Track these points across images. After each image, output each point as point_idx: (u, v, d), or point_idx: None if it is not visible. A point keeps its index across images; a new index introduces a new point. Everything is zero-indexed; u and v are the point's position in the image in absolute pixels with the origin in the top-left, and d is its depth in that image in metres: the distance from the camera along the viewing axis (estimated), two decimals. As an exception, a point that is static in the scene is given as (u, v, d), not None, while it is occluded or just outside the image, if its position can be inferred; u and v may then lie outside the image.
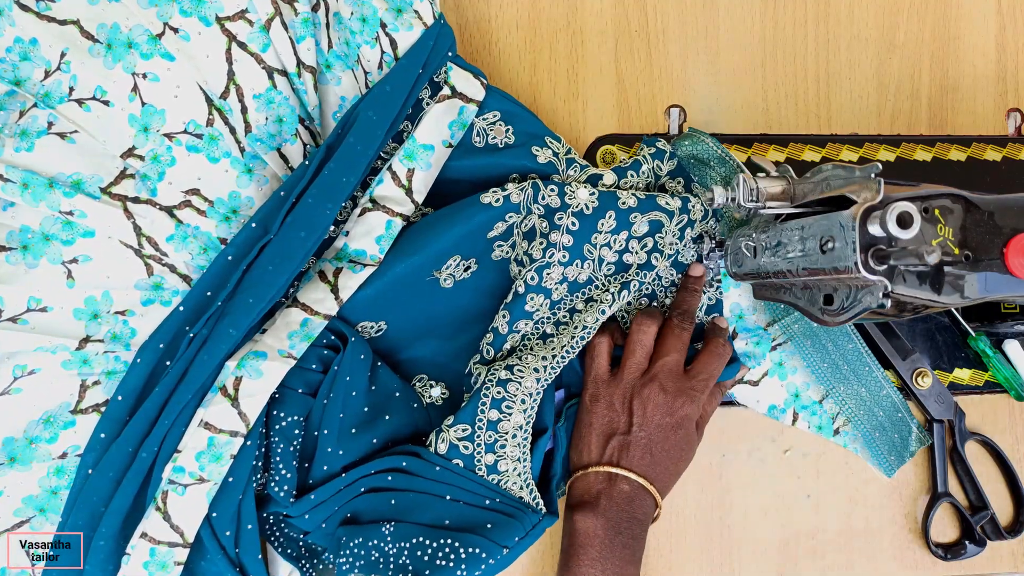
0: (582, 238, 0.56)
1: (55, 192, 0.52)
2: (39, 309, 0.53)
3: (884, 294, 0.43)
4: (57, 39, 0.52)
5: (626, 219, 0.56)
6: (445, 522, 0.53)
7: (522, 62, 0.63)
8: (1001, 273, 0.45)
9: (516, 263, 0.58)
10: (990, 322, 0.63)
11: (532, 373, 0.54)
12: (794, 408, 0.62)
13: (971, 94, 0.68)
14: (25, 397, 0.53)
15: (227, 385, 0.51)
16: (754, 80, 0.66)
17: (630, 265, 0.58)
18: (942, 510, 0.64)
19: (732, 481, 0.63)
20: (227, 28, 0.54)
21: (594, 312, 0.56)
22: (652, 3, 0.65)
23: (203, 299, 0.53)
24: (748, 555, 0.63)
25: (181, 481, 0.50)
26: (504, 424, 0.54)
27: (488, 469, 0.54)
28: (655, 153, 0.60)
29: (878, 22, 0.67)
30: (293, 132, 0.56)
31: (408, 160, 0.55)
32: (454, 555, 0.51)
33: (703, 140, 0.59)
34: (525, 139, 0.58)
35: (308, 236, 0.53)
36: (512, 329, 0.57)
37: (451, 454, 0.54)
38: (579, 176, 0.58)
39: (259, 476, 0.54)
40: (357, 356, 0.55)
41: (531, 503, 0.55)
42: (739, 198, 0.50)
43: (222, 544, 0.52)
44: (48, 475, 0.53)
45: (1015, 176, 0.65)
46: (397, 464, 0.54)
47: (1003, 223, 0.46)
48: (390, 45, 0.55)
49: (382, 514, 0.54)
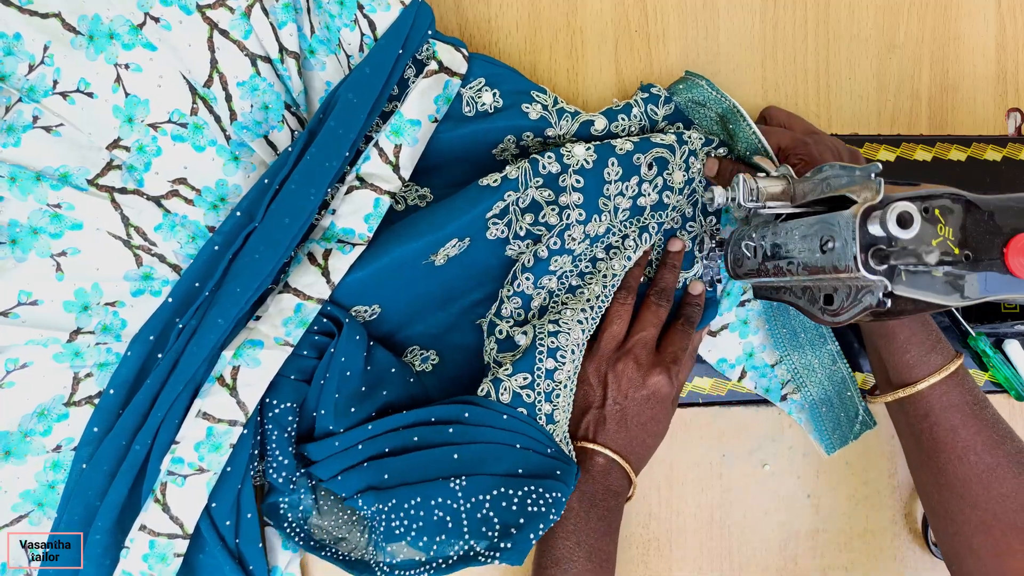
0: (593, 193, 0.57)
1: (43, 185, 0.52)
2: (29, 303, 0.53)
3: (884, 294, 0.43)
4: (40, 32, 0.52)
5: (630, 163, 0.57)
6: (519, 471, 0.53)
7: (522, 62, 0.63)
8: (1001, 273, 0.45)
9: (519, 240, 0.58)
10: (990, 322, 0.63)
11: (577, 324, 0.56)
12: (744, 366, 0.62)
13: (971, 94, 0.68)
14: (18, 391, 0.53)
15: (224, 375, 0.51)
16: (754, 80, 0.66)
17: (644, 208, 0.59)
18: None
19: (732, 481, 0.63)
20: (208, 16, 0.54)
21: (620, 259, 0.57)
22: (652, 3, 0.65)
23: (191, 290, 0.53)
24: (748, 555, 0.63)
25: (180, 472, 0.50)
26: (559, 374, 0.55)
27: (547, 419, 0.55)
28: (648, 98, 0.60)
29: (878, 22, 0.67)
30: (280, 119, 0.56)
31: (395, 136, 0.55)
32: (541, 500, 0.51)
33: (698, 84, 0.59)
34: (513, 99, 0.59)
35: (293, 222, 0.52)
36: (538, 287, 0.58)
37: (515, 402, 0.54)
38: (571, 126, 0.59)
39: (255, 465, 0.54)
40: (353, 338, 0.54)
41: (568, 453, 0.55)
42: (739, 198, 0.50)
43: (221, 535, 0.52)
44: (44, 469, 0.53)
45: (1015, 176, 0.65)
46: (457, 414, 0.54)
47: (1003, 223, 0.46)
48: (368, 26, 0.55)
49: (445, 471, 0.53)
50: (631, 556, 0.62)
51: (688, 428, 0.63)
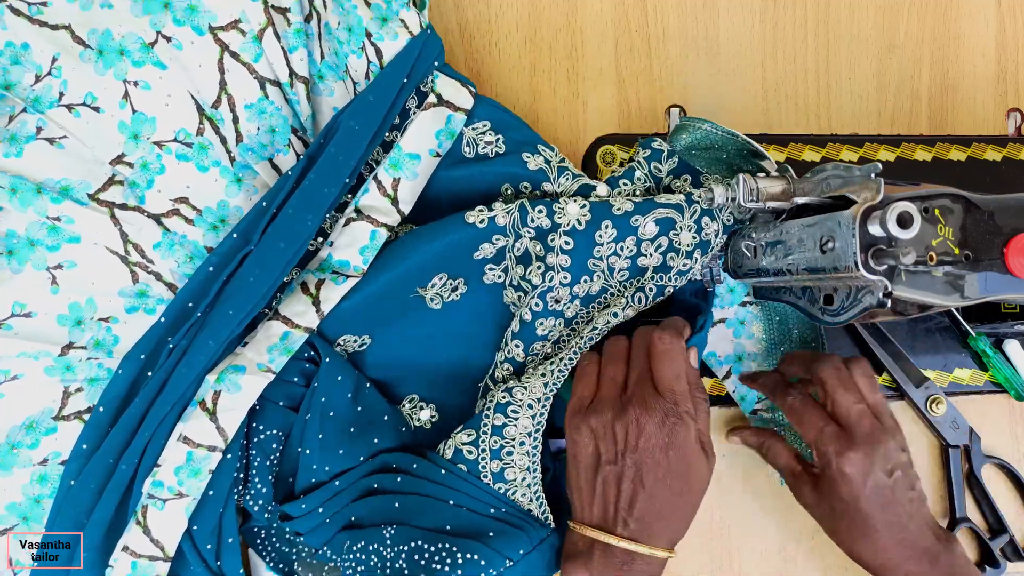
0: (581, 255, 0.54)
1: (43, 198, 0.52)
2: (23, 315, 0.53)
3: (884, 294, 0.43)
4: (49, 44, 0.52)
5: (627, 224, 0.53)
6: (446, 527, 0.51)
7: (522, 62, 0.63)
8: (1001, 273, 0.45)
9: (512, 288, 0.57)
10: (990, 322, 0.63)
11: (539, 378, 0.53)
12: (731, 367, 0.61)
13: (971, 94, 0.68)
14: (8, 403, 0.52)
15: (206, 399, 0.51)
16: (754, 80, 0.66)
17: (646, 268, 0.55)
18: (960, 535, 0.63)
19: (732, 481, 0.63)
20: (220, 38, 0.54)
21: (605, 315, 0.53)
22: (652, 3, 0.65)
23: (184, 310, 0.53)
24: (748, 555, 0.63)
25: (160, 496, 0.50)
26: (510, 430, 0.52)
27: (494, 477, 0.52)
28: (650, 155, 0.57)
29: (878, 22, 0.67)
30: (286, 142, 0.56)
31: (394, 169, 0.54)
32: (450, 559, 0.50)
33: (699, 127, 0.55)
34: (515, 147, 0.57)
35: (288, 247, 0.52)
36: (530, 353, 0.55)
37: (456, 458, 0.53)
38: (570, 186, 0.56)
39: (239, 488, 0.54)
40: (333, 377, 0.54)
41: (539, 516, 0.53)
42: (739, 198, 0.50)
43: (203, 557, 0.52)
44: (31, 482, 0.53)
45: (1015, 176, 0.65)
46: (407, 464, 0.53)
47: (1003, 223, 0.46)
48: (375, 54, 0.55)
49: (386, 517, 0.52)
50: (631, 556, 0.62)
51: (688, 428, 0.63)
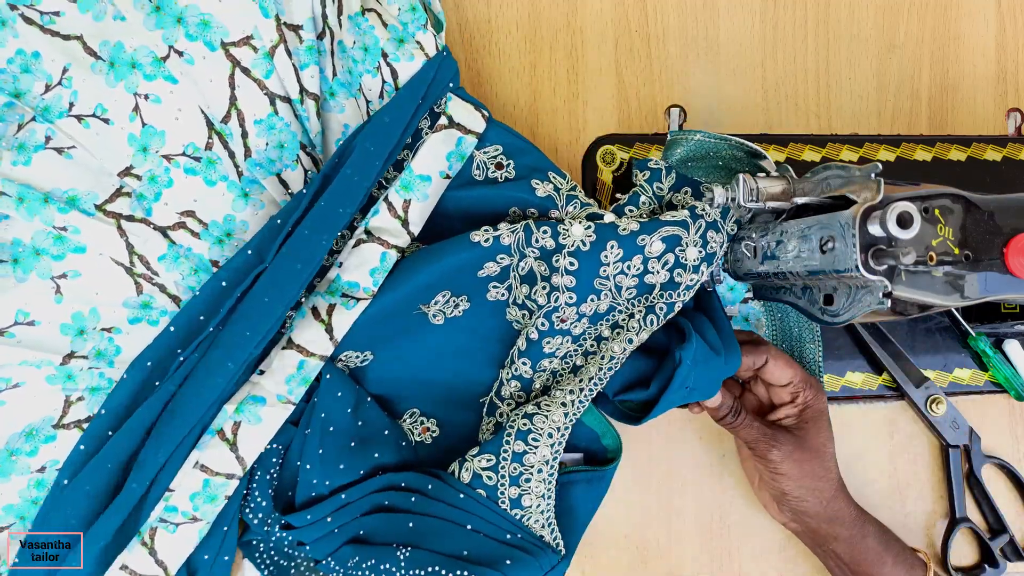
0: (587, 275, 0.53)
1: (50, 207, 0.52)
2: (27, 323, 0.53)
3: (884, 294, 0.43)
4: (60, 54, 0.52)
5: (633, 243, 0.52)
6: (463, 553, 0.51)
7: (522, 62, 0.63)
8: (1001, 273, 0.45)
9: (516, 306, 0.57)
10: (990, 322, 0.63)
11: (559, 407, 0.53)
12: None
13: (971, 94, 0.68)
14: (8, 410, 0.52)
15: (225, 429, 0.51)
16: (754, 80, 0.66)
17: (653, 285, 0.54)
18: (960, 535, 0.63)
19: (732, 481, 0.63)
20: (232, 53, 0.54)
21: (621, 342, 0.53)
22: (652, 3, 0.65)
23: (195, 323, 0.53)
24: (748, 555, 0.63)
25: (173, 520, 0.50)
26: (530, 457, 0.52)
27: (511, 503, 0.52)
28: (650, 177, 0.56)
29: (878, 22, 0.67)
30: (294, 158, 0.56)
31: (405, 191, 0.54)
32: None
33: (692, 138, 0.55)
34: (526, 172, 0.56)
35: (304, 268, 0.52)
36: (537, 370, 0.56)
37: (474, 483, 0.52)
38: (578, 214, 0.55)
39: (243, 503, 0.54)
40: (334, 393, 0.54)
41: (551, 543, 0.53)
42: (739, 198, 0.50)
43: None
44: (28, 487, 0.53)
45: (1015, 176, 0.65)
46: (422, 485, 0.53)
47: (1003, 223, 0.45)
48: (391, 75, 0.55)
49: (399, 537, 0.52)
50: (631, 556, 0.62)
51: (688, 428, 0.63)
